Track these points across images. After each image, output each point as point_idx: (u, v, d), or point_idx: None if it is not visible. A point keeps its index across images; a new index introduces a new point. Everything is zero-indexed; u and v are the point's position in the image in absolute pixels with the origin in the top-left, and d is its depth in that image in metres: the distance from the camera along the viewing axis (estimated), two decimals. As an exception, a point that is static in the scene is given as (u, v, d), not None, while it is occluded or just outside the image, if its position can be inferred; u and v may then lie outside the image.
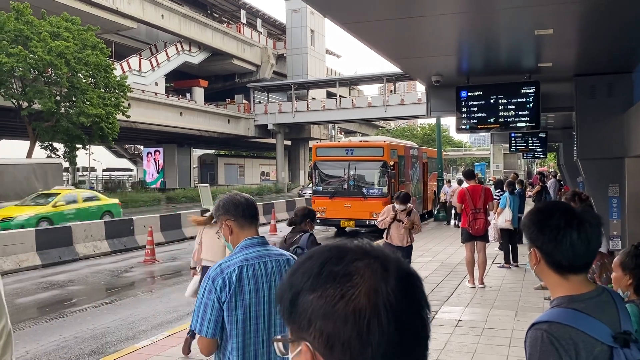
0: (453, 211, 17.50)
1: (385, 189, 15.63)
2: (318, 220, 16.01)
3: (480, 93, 6.50)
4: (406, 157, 18.34)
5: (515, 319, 6.93)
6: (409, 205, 7.78)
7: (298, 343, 0.78)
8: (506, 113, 6.43)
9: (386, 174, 15.56)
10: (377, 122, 63.92)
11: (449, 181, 20.65)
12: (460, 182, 17.92)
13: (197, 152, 55.57)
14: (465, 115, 6.56)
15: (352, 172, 16.06)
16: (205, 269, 6.12)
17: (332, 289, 0.74)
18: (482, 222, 8.70)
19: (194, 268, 6.51)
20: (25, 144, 29.83)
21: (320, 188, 16.49)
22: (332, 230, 17.60)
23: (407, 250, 7.65)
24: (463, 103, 6.55)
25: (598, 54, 5.76)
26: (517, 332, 6.23)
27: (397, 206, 7.64)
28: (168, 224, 17.04)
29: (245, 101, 49.57)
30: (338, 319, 0.72)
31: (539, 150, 15.64)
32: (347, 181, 16.15)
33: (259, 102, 49.36)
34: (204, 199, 22.06)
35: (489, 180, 35.86)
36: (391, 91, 48.42)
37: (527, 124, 6.48)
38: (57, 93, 26.74)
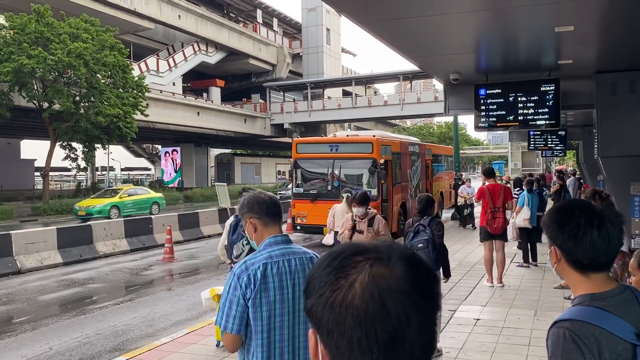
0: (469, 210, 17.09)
1: (374, 192, 13.38)
2: (298, 227, 14.41)
3: (499, 91, 6.46)
4: (403, 155, 16.28)
5: (535, 318, 6.87)
6: (370, 210, 6.23)
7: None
8: (525, 111, 6.38)
9: (375, 173, 13.56)
10: (393, 121, 63.67)
11: (468, 180, 18.49)
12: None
13: (214, 152, 55.89)
14: (484, 113, 6.52)
15: (336, 172, 14.05)
16: (336, 233, 8.69)
17: (327, 278, 0.77)
18: (501, 221, 8.65)
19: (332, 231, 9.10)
20: (46, 144, 30.32)
21: (301, 190, 14.50)
22: (318, 237, 14.17)
23: None
24: (482, 101, 6.51)
25: (620, 51, 5.68)
26: (537, 332, 6.18)
27: (355, 211, 6.15)
28: (186, 223, 17.20)
29: (261, 100, 49.73)
30: (325, 307, 0.75)
31: (558, 148, 15.48)
32: (331, 182, 14.10)
33: (275, 102, 49.49)
34: (221, 198, 22.28)
35: (502, 179, 35.24)
36: (410, 88, 48.12)
37: (547, 122, 6.43)
38: (76, 93, 27.14)
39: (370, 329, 0.72)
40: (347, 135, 16.30)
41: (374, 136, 14.84)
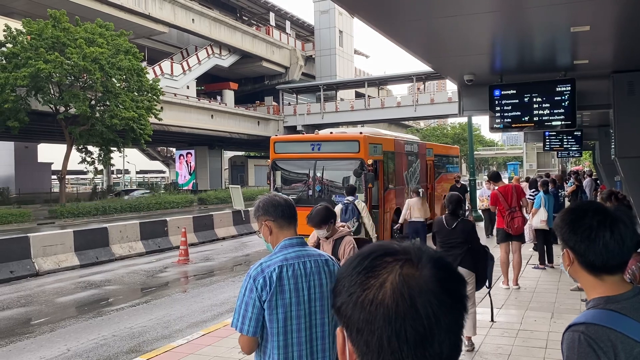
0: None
1: (361, 197, 11.83)
2: None
3: (514, 91, 6.42)
4: (398, 155, 14.64)
5: (552, 320, 6.80)
6: (340, 228, 4.84)
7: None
8: (541, 111, 6.33)
9: (362, 175, 12.03)
10: (406, 122, 63.50)
11: (488, 181, 16.01)
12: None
13: (228, 154, 56.20)
14: (498, 114, 6.49)
15: (318, 174, 12.64)
16: (412, 223, 11.23)
17: (357, 278, 0.79)
18: (520, 220, 8.62)
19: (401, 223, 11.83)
20: (63, 147, 30.72)
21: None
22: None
23: None
24: (496, 102, 6.47)
25: (636, 50, 5.62)
26: (554, 334, 6.12)
27: (317, 233, 4.74)
28: (200, 225, 17.31)
29: (274, 103, 49.90)
30: (355, 306, 0.77)
31: (574, 148, 15.33)
32: (312, 186, 12.67)
33: (288, 104, 49.59)
34: (235, 200, 22.35)
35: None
36: (419, 89, 47.93)
37: (563, 123, 6.37)
38: (92, 97, 27.48)
39: (400, 328, 0.74)
40: (331, 133, 14.36)
41: (360, 133, 13.14)
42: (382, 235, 12.27)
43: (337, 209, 8.87)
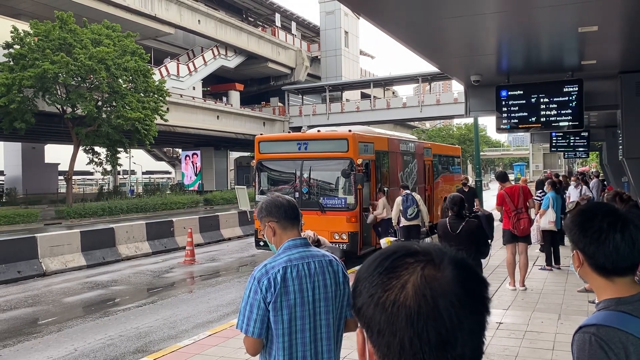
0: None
1: (351, 199, 11.46)
2: (262, 243, 11.82)
3: (521, 92, 6.40)
4: (392, 154, 13.93)
5: (559, 322, 6.76)
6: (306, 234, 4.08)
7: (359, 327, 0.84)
8: (548, 112, 6.30)
9: (351, 176, 11.32)
10: (412, 123, 63.44)
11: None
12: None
13: (234, 155, 56.26)
14: (505, 114, 6.47)
15: (305, 175, 11.95)
16: (386, 221, 11.64)
17: (378, 279, 0.78)
18: (526, 222, 8.58)
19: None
20: (70, 147, 30.86)
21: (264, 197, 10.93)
22: None
23: None
24: (503, 102, 6.46)
25: (644, 50, 5.59)
26: (561, 336, 6.09)
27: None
28: (206, 226, 17.35)
29: (280, 104, 49.96)
30: (376, 307, 0.76)
31: (581, 149, 15.27)
32: (299, 188, 11.95)
33: (294, 105, 49.65)
34: (241, 201, 22.38)
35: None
36: (427, 90, 47.87)
37: (570, 123, 6.34)
38: (99, 98, 27.59)
39: (422, 329, 0.73)
40: (319, 131, 13.55)
41: (349, 131, 12.22)
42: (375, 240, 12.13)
43: (399, 199, 11.09)
